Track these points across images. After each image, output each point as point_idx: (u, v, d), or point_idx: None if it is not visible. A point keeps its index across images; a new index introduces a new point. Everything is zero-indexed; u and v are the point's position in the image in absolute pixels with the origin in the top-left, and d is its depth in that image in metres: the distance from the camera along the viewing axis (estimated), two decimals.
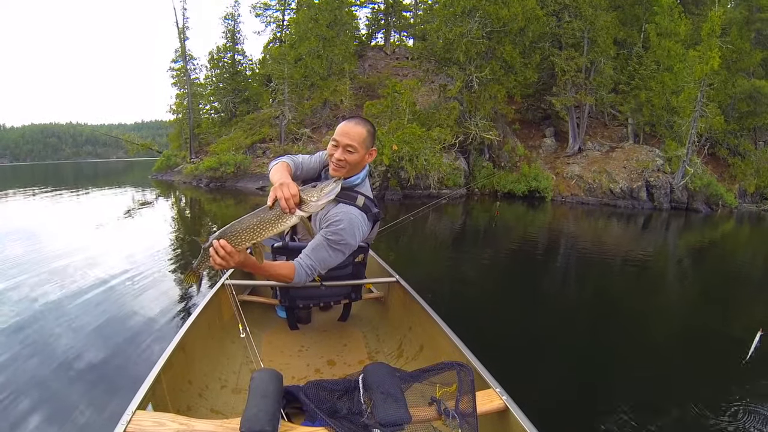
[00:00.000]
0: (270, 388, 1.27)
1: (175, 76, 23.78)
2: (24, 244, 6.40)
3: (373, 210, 1.89)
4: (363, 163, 1.86)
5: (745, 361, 3.10)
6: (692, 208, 14.75)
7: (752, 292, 5.76)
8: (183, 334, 1.71)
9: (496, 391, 1.41)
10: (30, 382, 2.56)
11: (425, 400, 1.38)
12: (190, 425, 1.18)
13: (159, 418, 1.21)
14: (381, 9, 27.80)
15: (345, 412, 1.34)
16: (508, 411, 1.34)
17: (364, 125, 1.81)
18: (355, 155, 1.77)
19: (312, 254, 1.77)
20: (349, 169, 1.83)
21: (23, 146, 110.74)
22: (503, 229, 10.11)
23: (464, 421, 1.25)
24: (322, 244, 1.76)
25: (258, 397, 1.23)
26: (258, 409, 1.18)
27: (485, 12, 14.78)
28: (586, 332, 3.97)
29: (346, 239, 1.76)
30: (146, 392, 1.31)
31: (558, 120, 18.59)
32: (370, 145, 1.83)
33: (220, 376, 1.91)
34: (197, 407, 1.65)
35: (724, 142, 17.68)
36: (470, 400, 1.30)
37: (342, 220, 1.75)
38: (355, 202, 1.83)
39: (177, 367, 1.61)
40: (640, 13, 18.06)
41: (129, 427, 1.15)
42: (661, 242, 9.56)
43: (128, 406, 1.23)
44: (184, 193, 16.32)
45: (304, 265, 1.76)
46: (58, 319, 3.49)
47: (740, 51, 16.79)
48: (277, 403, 1.24)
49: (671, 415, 2.60)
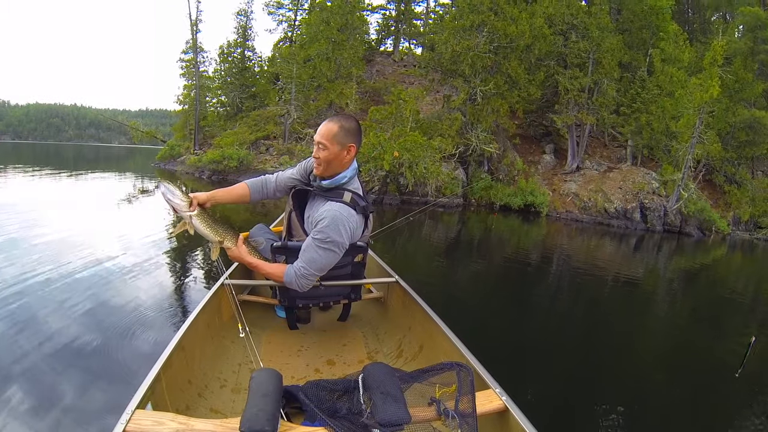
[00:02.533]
0: (270, 388, 1.27)
1: (185, 68, 23.94)
2: (22, 228, 6.22)
3: (361, 204, 1.89)
4: (341, 159, 1.86)
5: (739, 372, 3.20)
6: (685, 232, 14.96)
7: (743, 314, 5.94)
8: (182, 333, 1.70)
9: (496, 391, 1.41)
10: (26, 377, 2.53)
11: (425, 401, 1.38)
12: (190, 425, 1.18)
13: (158, 417, 1.20)
14: (392, 16, 28.09)
15: (344, 412, 1.33)
16: (507, 411, 1.34)
17: (338, 122, 1.82)
18: (326, 152, 1.81)
19: (302, 255, 1.83)
20: (326, 167, 1.86)
21: (26, 125, 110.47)
22: (498, 240, 10.32)
23: (464, 422, 1.25)
24: (309, 244, 1.81)
25: (258, 397, 1.23)
26: (258, 409, 1.18)
27: (493, 27, 15.03)
28: (582, 336, 4.09)
29: (332, 236, 1.77)
30: (146, 391, 1.31)
31: (558, 137, 18.83)
32: (345, 141, 1.82)
33: (219, 375, 1.91)
34: (197, 407, 1.65)
35: (722, 170, 17.95)
36: (470, 400, 1.30)
37: (325, 218, 1.78)
38: (342, 199, 1.85)
39: (176, 367, 1.60)
40: (647, 37, 18.33)
41: (128, 427, 1.15)
42: (653, 262, 9.76)
43: (127, 406, 1.22)
44: (186, 183, 16.49)
45: (294, 266, 1.83)
46: (50, 315, 3.39)
47: (743, 81, 17.07)
48: (276, 403, 1.24)
49: (668, 416, 2.63)
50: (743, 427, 2.62)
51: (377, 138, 14.30)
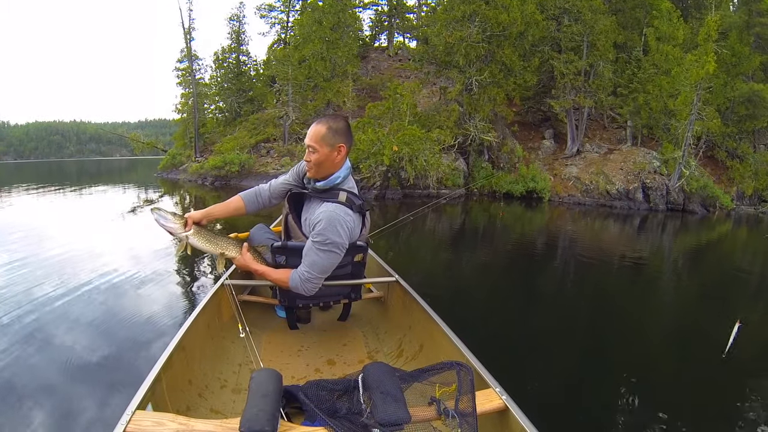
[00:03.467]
0: (270, 388, 1.27)
1: (181, 76, 24.16)
2: (27, 241, 6.39)
3: (357, 202, 1.90)
4: (332, 160, 1.86)
5: (725, 354, 3.20)
6: (688, 209, 14.97)
7: (748, 290, 5.84)
8: (183, 333, 1.71)
9: (496, 390, 1.41)
10: (28, 379, 2.54)
11: (425, 400, 1.38)
12: (190, 425, 1.18)
13: (159, 418, 1.20)
14: (384, 11, 28.05)
15: (344, 411, 1.34)
16: (507, 411, 1.34)
17: (325, 123, 1.83)
18: (317, 154, 1.83)
19: (304, 260, 1.84)
20: (318, 168, 1.87)
21: (27, 144, 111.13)
22: (501, 229, 10.33)
23: (464, 421, 1.25)
24: (310, 247, 1.82)
25: (258, 397, 1.23)
26: (258, 409, 1.18)
27: (485, 17, 15.03)
28: (584, 332, 4.01)
29: (330, 237, 1.78)
30: (146, 392, 1.31)
31: (557, 122, 18.83)
32: (334, 142, 1.82)
33: (219, 375, 1.91)
34: (197, 407, 1.65)
35: (723, 145, 17.87)
36: (470, 399, 1.30)
37: (322, 220, 1.79)
38: (338, 199, 1.86)
39: (177, 367, 1.61)
40: (640, 17, 18.26)
41: (128, 427, 1.15)
42: (657, 242, 9.77)
43: (128, 406, 1.23)
44: (189, 191, 16.70)
45: (298, 271, 1.85)
46: (55, 317, 3.47)
47: (739, 55, 16.97)
48: (276, 403, 1.24)
49: (669, 413, 2.61)
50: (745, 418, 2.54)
51: (376, 134, 14.38)
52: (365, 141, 14.20)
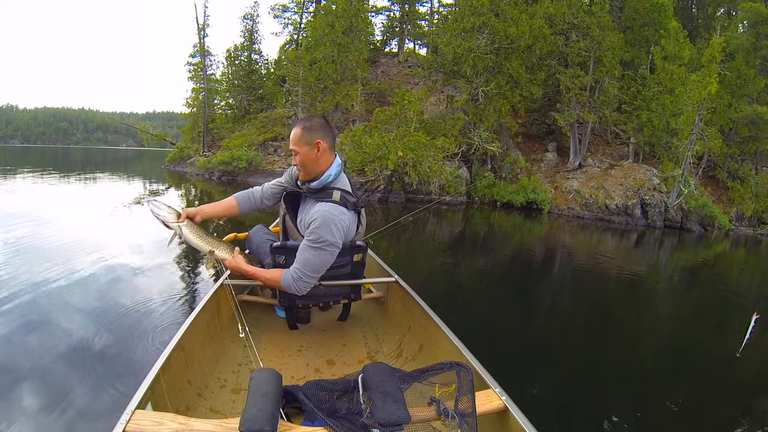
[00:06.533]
0: (269, 388, 1.28)
1: (192, 71, 24.51)
2: (31, 230, 6.25)
3: (351, 200, 1.91)
4: (315, 158, 1.88)
5: (741, 351, 3.21)
6: (686, 227, 15.15)
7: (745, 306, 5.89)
8: (182, 333, 1.71)
9: (496, 391, 1.41)
10: (27, 375, 2.53)
11: (424, 400, 1.39)
12: (190, 425, 1.19)
13: (158, 417, 1.21)
14: (396, 17, 28.36)
15: (344, 411, 1.34)
16: (507, 411, 1.35)
17: (300, 124, 1.88)
18: (299, 156, 1.88)
19: (297, 258, 1.87)
20: (305, 169, 1.92)
21: (34, 128, 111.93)
22: (501, 237, 10.56)
23: (463, 421, 1.26)
24: (303, 246, 1.85)
25: (257, 397, 1.23)
26: (257, 409, 1.19)
27: (494, 29, 15.31)
28: (583, 335, 4.06)
29: (324, 236, 1.80)
30: (145, 392, 1.31)
31: (561, 135, 19.04)
32: (311, 139, 1.85)
33: (219, 375, 1.92)
34: (196, 407, 1.67)
35: (725, 166, 18.05)
36: (469, 400, 1.30)
37: (317, 219, 1.81)
38: (332, 198, 1.87)
39: (176, 367, 1.61)
40: (649, 35, 18.47)
41: (128, 427, 1.16)
42: (654, 257, 9.96)
43: (127, 406, 1.23)
44: (196, 184, 17.01)
45: (290, 270, 1.87)
46: (56, 309, 3.45)
47: (745, 77, 17.18)
48: (276, 403, 1.24)
49: (669, 413, 2.64)
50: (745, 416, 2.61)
51: (382, 138, 14.65)
52: (371, 145, 14.48)
